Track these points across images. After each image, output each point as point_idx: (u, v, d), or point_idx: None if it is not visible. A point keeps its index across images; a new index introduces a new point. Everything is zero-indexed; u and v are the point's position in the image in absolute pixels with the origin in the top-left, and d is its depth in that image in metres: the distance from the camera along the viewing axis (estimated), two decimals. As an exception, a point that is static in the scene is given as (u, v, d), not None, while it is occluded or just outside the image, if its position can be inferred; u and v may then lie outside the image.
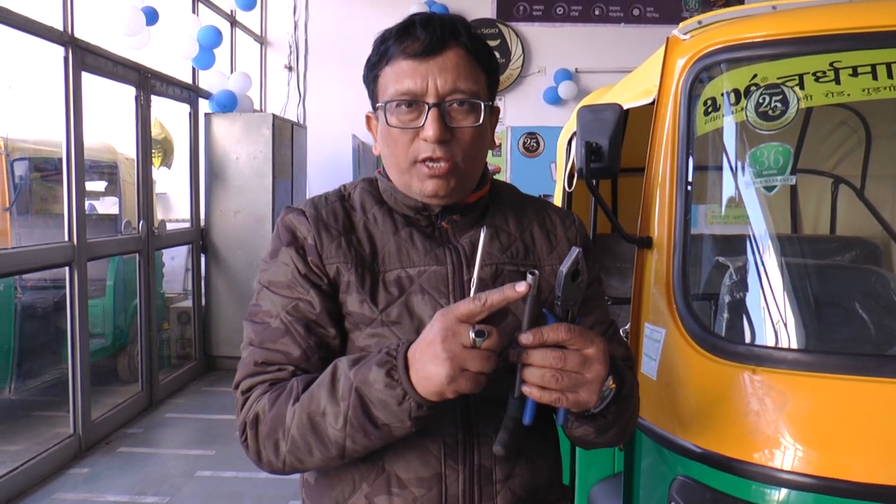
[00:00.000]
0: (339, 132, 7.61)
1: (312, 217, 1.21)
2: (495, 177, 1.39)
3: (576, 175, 2.57)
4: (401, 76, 1.15)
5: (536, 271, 0.99)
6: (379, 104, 1.19)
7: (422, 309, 1.17)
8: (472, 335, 0.95)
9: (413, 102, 1.15)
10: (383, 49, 1.18)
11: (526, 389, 1.02)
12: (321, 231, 1.20)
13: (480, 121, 1.17)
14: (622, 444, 1.31)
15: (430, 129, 1.13)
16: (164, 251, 6.21)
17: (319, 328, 1.17)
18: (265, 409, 1.11)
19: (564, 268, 1.01)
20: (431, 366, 0.97)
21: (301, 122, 7.97)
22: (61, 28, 4.55)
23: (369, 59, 1.22)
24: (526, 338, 1.00)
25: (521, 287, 0.96)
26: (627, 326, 1.97)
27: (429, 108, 1.14)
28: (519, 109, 8.09)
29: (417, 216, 1.24)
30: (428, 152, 1.15)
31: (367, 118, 1.28)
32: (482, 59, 1.20)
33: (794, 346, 1.65)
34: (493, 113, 1.26)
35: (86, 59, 4.74)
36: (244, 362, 1.18)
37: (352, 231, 1.22)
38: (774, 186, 1.75)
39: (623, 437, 1.25)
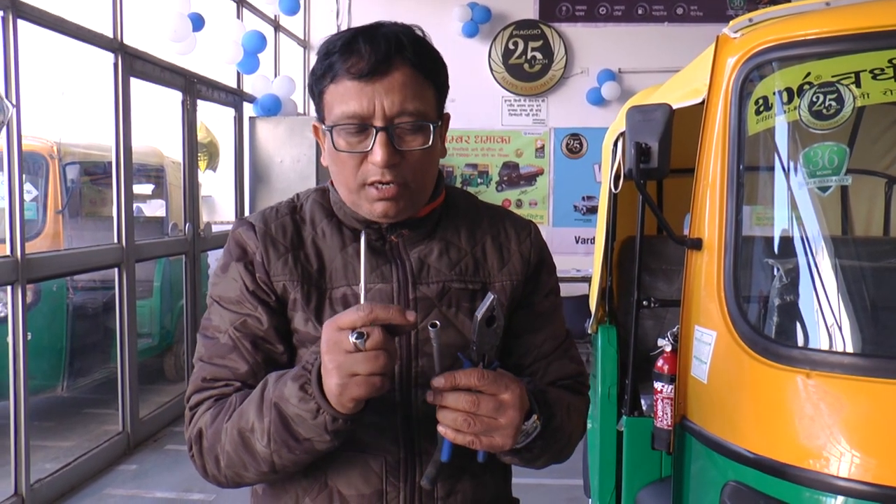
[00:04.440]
0: (381, 135, 7.63)
1: (261, 232, 1.20)
2: (537, 178, 1.37)
3: (622, 176, 2.55)
4: (346, 97, 1.11)
5: (438, 323, 0.99)
6: (325, 127, 1.15)
7: None
8: (352, 339, 0.93)
9: (361, 126, 1.11)
10: (328, 64, 1.13)
11: (441, 430, 1.03)
12: (269, 247, 1.18)
13: (430, 142, 1.13)
14: (561, 462, 1.28)
15: (377, 153, 1.10)
16: (209, 253, 6.29)
17: (267, 344, 1.16)
18: (207, 425, 1.13)
19: (479, 313, 1.00)
20: (325, 379, 0.97)
21: (343, 124, 8.02)
22: (111, 35, 4.66)
23: (314, 71, 1.16)
24: (438, 381, 1.01)
25: (411, 316, 0.95)
26: (676, 329, 1.95)
27: (376, 132, 1.10)
28: (562, 110, 8.04)
29: (367, 230, 1.20)
30: (376, 176, 1.12)
31: (315, 127, 1.24)
32: (429, 73, 1.15)
33: (850, 349, 1.61)
34: (444, 121, 1.22)
35: (134, 64, 4.84)
36: (194, 377, 1.18)
37: (300, 247, 1.20)
38: (829, 187, 1.72)
39: (558, 460, 1.23)
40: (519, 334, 1.27)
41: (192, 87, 5.66)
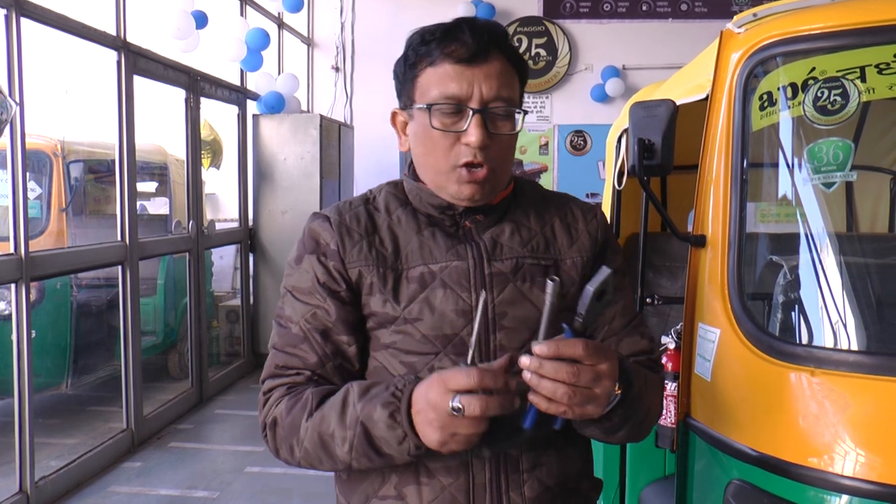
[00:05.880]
0: (386, 132, 7.47)
1: (336, 222, 1.25)
2: (541, 175, 1.40)
3: (626, 173, 2.54)
4: (446, 80, 1.18)
5: (557, 278, 1.00)
6: (420, 105, 1.21)
7: (443, 304, 1.20)
8: (451, 406, 0.98)
9: (457, 107, 1.18)
10: (425, 50, 1.20)
11: (533, 398, 1.02)
12: (344, 236, 1.24)
13: (517, 128, 1.22)
14: (640, 440, 1.29)
15: (473, 134, 1.16)
16: (213, 250, 6.30)
17: (335, 336, 1.22)
18: (282, 415, 1.19)
19: (592, 286, 1.00)
20: (426, 428, 1.03)
21: (348, 122, 8.02)
22: (114, 33, 4.66)
23: (406, 57, 1.23)
24: (541, 349, 1.00)
25: (512, 384, 0.99)
26: (679, 326, 1.94)
27: (473, 114, 1.17)
28: (566, 107, 8.03)
29: (441, 216, 1.26)
30: (469, 157, 1.18)
31: (394, 114, 1.30)
32: (519, 67, 1.24)
33: (855, 347, 1.60)
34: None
35: (138, 62, 4.84)
36: (268, 363, 1.26)
37: (374, 232, 1.25)
38: (833, 183, 1.70)
39: (637, 435, 1.25)
40: None
41: (196, 84, 5.65)
